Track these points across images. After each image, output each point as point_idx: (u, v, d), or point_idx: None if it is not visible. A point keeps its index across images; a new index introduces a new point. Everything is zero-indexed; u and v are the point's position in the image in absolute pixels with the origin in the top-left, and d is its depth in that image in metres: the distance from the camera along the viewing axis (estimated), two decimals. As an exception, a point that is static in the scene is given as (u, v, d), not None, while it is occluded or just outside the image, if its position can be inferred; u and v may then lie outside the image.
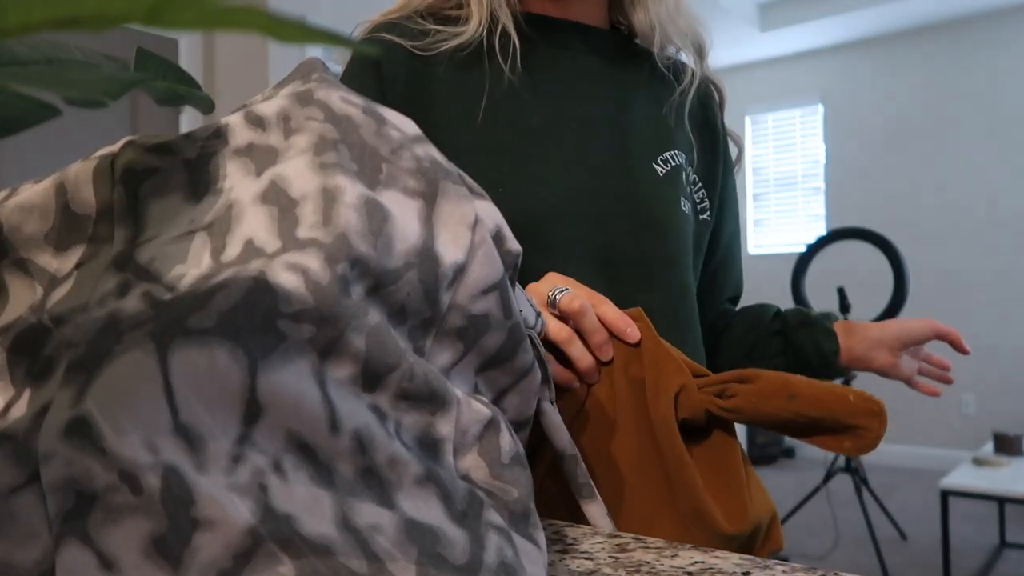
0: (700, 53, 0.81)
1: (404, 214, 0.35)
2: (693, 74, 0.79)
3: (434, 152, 0.38)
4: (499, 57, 0.71)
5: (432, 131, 0.70)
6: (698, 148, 0.80)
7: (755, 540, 0.54)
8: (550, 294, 0.58)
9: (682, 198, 0.75)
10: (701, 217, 0.80)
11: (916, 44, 4.95)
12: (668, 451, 0.53)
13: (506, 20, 0.72)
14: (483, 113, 0.71)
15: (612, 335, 0.57)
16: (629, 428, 0.55)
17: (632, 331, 0.56)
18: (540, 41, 0.75)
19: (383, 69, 0.72)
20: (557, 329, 0.56)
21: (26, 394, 0.29)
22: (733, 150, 0.86)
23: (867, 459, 4.74)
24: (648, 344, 0.57)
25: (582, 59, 0.76)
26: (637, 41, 0.80)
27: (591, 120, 0.73)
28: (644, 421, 0.55)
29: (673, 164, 0.75)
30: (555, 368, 0.56)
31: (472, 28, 0.71)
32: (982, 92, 4.78)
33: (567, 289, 0.58)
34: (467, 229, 0.36)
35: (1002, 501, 2.83)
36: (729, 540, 0.52)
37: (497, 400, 0.40)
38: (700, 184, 0.80)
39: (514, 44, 0.72)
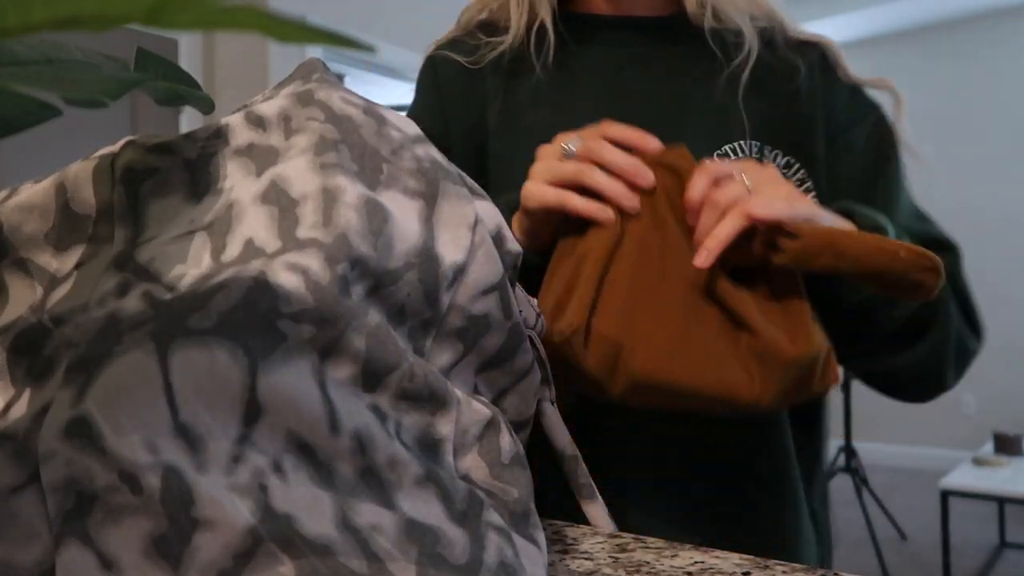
0: (774, 22, 0.74)
1: (404, 214, 0.35)
2: (749, 51, 0.72)
3: (434, 152, 0.38)
4: (534, 59, 0.72)
5: (486, 139, 0.71)
6: (784, 125, 0.73)
7: (814, 371, 0.52)
8: (564, 146, 0.55)
9: None
10: None
11: (916, 44, 4.95)
12: (719, 287, 0.52)
13: (545, 15, 0.71)
14: (524, 118, 0.71)
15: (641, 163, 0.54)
16: (680, 261, 0.53)
17: (649, 142, 0.54)
18: (588, 41, 0.73)
19: (441, 87, 0.74)
20: (575, 169, 0.53)
21: (26, 394, 0.29)
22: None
23: (867, 459, 4.74)
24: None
25: (635, 54, 0.73)
26: (708, 25, 0.74)
27: (638, 116, 0.68)
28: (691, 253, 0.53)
29: (740, 155, 0.70)
30: (581, 202, 0.53)
31: (511, 35, 0.72)
32: (983, 92, 4.78)
33: (579, 140, 0.55)
34: (467, 229, 0.36)
35: (1002, 501, 2.84)
36: (791, 365, 0.50)
37: (497, 400, 0.40)
38: (797, 165, 0.73)
39: (549, 42, 0.71)
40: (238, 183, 0.34)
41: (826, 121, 0.75)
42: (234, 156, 0.35)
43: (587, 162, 0.54)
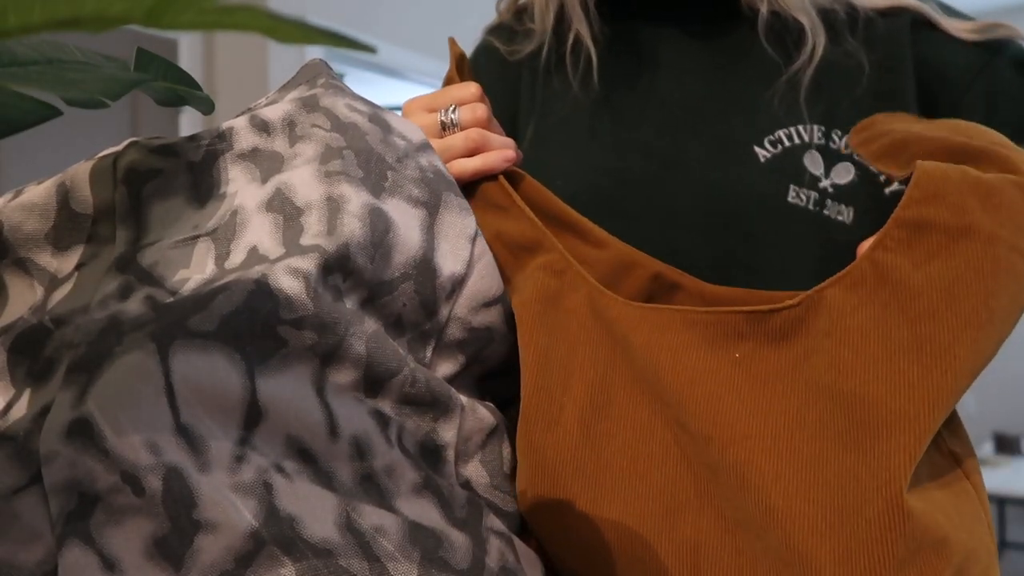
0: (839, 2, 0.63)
1: (407, 223, 0.35)
2: (814, 47, 0.61)
3: (437, 162, 0.38)
4: (570, 74, 0.64)
5: (519, 137, 0.65)
6: (853, 113, 0.63)
7: None
8: (442, 118, 0.48)
9: (794, 186, 0.61)
10: None
11: (916, 44, 4.94)
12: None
13: (580, 26, 0.64)
14: (562, 128, 0.64)
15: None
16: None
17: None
18: (632, 33, 0.66)
19: (482, 76, 0.66)
20: (464, 140, 0.47)
21: (26, 394, 0.29)
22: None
23: (867, 459, 4.74)
24: None
25: (680, 42, 0.65)
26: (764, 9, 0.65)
27: (674, 106, 0.63)
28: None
29: (787, 144, 0.62)
30: (474, 162, 0.46)
31: (537, 37, 0.65)
32: (982, 92, 4.78)
33: (455, 105, 0.49)
34: (467, 241, 0.36)
35: (1002, 501, 2.84)
36: None
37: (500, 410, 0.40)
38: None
39: (587, 54, 0.64)
40: (242, 188, 0.34)
41: (917, 92, 0.64)
42: (237, 160, 0.35)
43: (474, 127, 0.49)
